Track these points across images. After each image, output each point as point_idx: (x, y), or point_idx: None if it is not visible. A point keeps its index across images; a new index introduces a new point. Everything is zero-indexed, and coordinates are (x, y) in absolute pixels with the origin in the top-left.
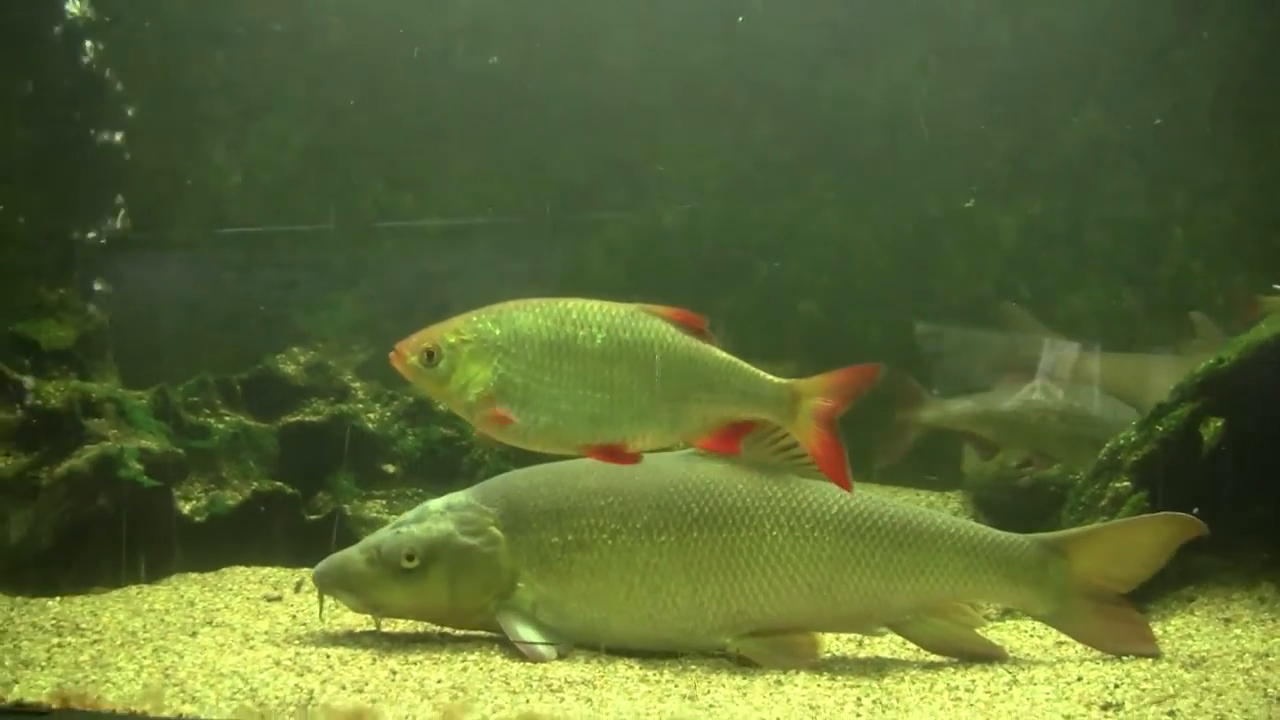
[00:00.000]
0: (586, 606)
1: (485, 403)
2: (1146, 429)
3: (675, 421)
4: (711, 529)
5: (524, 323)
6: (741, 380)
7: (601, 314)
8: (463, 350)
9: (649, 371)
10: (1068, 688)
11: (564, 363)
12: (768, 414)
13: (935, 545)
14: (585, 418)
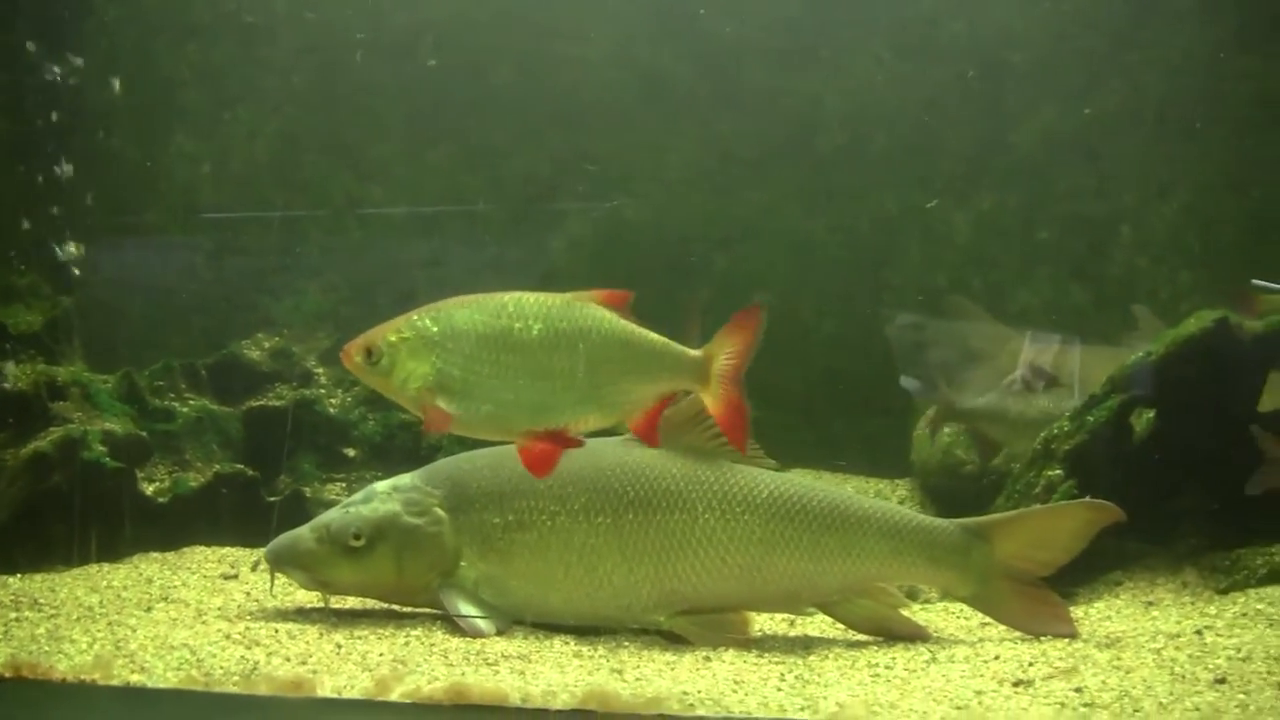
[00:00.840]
0: (526, 584)
1: (426, 395)
2: (1078, 419)
3: (614, 403)
4: (646, 511)
5: (461, 318)
6: (670, 356)
7: (537, 305)
8: (402, 348)
9: (587, 358)
10: (984, 665)
11: (503, 354)
12: (689, 384)
13: (862, 529)
14: (527, 406)
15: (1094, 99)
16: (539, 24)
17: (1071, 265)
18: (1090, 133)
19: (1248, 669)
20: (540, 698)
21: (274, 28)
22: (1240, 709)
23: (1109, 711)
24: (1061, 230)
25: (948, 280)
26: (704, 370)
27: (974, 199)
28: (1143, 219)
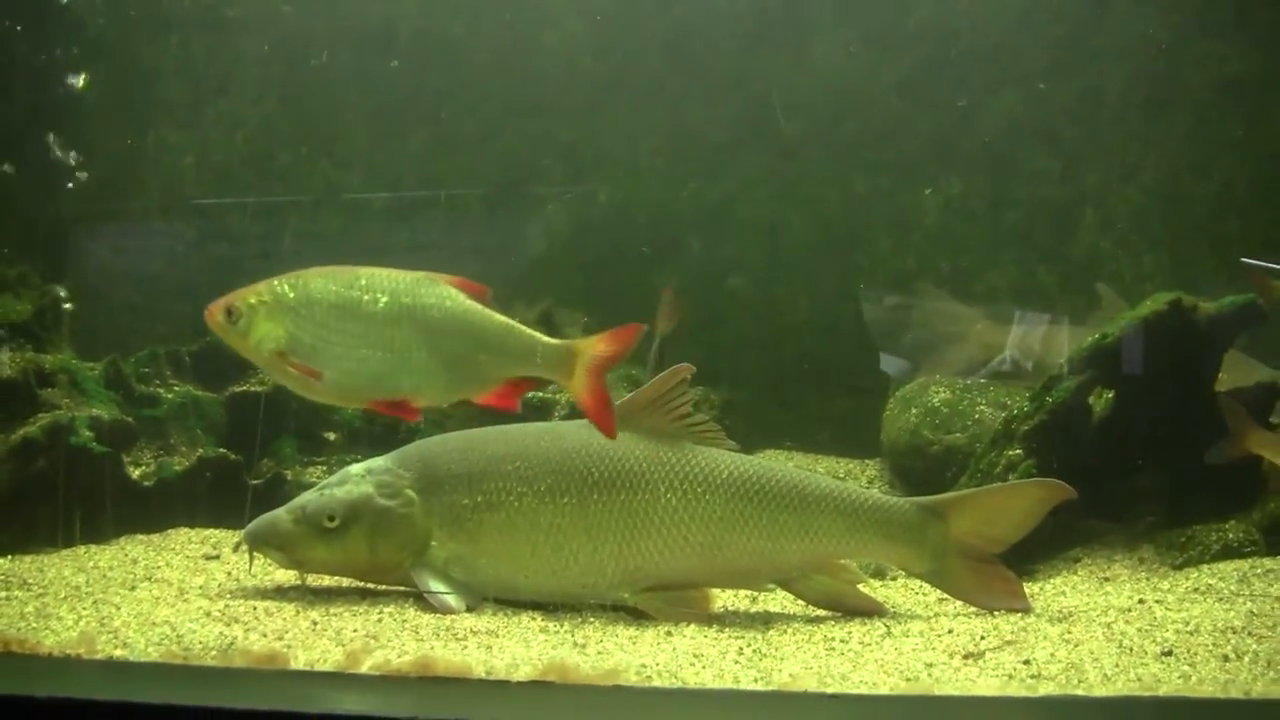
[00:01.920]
0: (495, 563)
1: (279, 358)
2: (1038, 400)
3: (453, 380)
4: (610, 491)
5: (316, 286)
6: (517, 341)
7: (388, 280)
8: (259, 310)
9: (428, 333)
10: (937, 639)
11: (349, 323)
12: (545, 372)
13: (819, 507)
14: (369, 375)
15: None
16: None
17: (1037, 248)
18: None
19: (1194, 641)
20: (504, 670)
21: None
22: (1182, 679)
23: (1055, 683)
24: (1027, 213)
25: (916, 263)
26: (564, 361)
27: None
28: (1106, 202)
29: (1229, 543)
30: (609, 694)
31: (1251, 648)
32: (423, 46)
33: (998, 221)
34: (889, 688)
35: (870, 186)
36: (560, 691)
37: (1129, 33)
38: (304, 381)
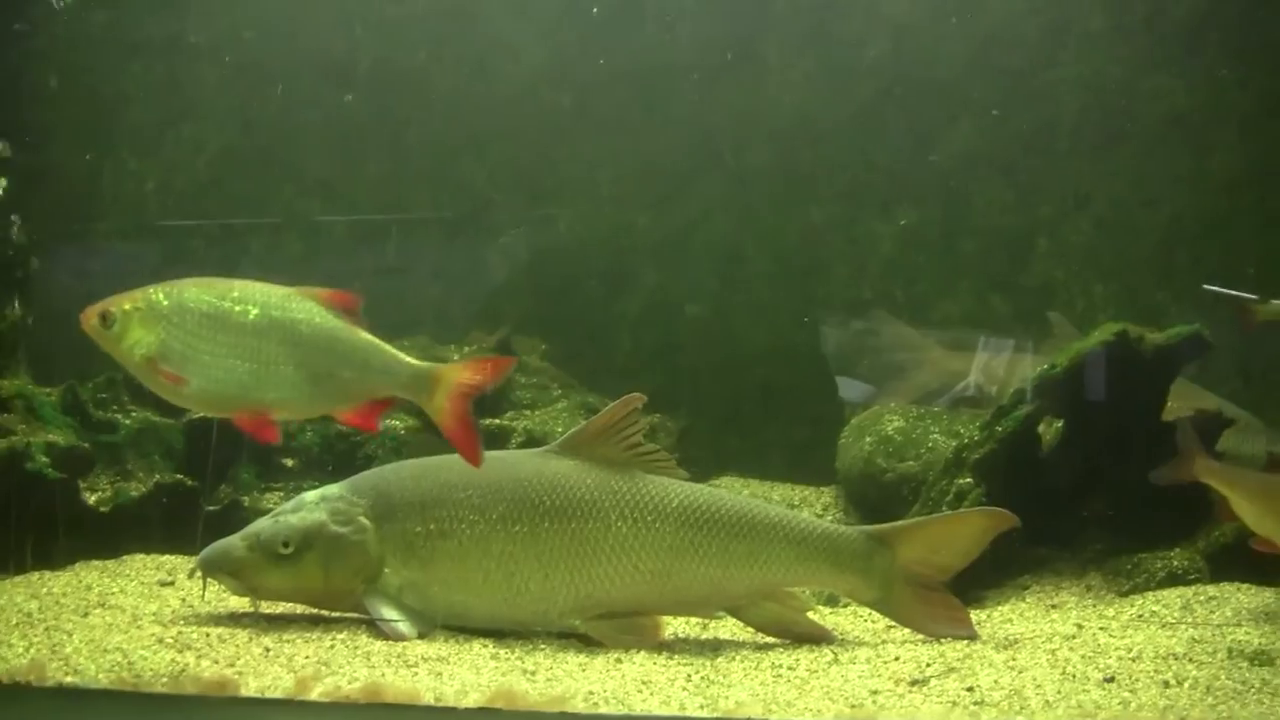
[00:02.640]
0: (448, 590)
1: (150, 364)
2: (988, 429)
3: (317, 394)
4: (562, 520)
5: (189, 295)
6: (381, 360)
7: (260, 293)
8: (134, 316)
9: (294, 347)
10: (883, 666)
11: (219, 333)
12: (406, 393)
13: (769, 536)
14: (235, 385)
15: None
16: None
17: (991, 277)
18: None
19: (1136, 668)
20: (452, 697)
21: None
22: (1122, 705)
23: (997, 709)
24: (982, 243)
25: (872, 292)
26: (426, 385)
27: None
28: (1059, 232)
29: (1174, 570)
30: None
31: (1192, 674)
32: (385, 74)
33: (952, 251)
34: (833, 714)
35: (827, 216)
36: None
37: (1082, 66)
38: (171, 388)
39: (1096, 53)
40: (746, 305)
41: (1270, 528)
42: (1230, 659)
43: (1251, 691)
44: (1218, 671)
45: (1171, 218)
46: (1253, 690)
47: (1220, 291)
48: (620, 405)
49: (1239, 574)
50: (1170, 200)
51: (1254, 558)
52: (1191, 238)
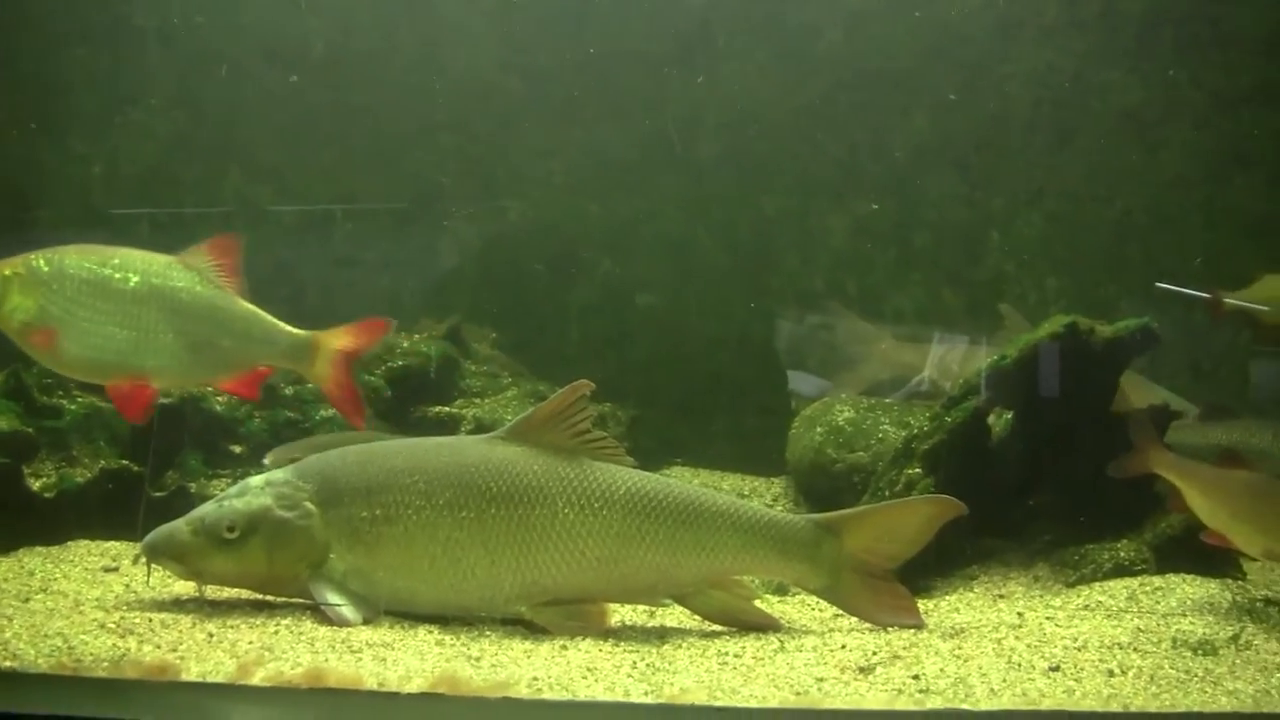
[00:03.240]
0: (393, 576)
1: (28, 329)
2: (938, 419)
3: (196, 363)
4: (508, 506)
5: (70, 262)
6: (261, 329)
7: (141, 261)
8: (14, 281)
9: (174, 315)
10: (830, 654)
11: (99, 300)
12: (288, 361)
13: (716, 524)
14: (114, 352)
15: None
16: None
17: (944, 270)
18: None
19: (1081, 657)
20: (396, 682)
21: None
22: (1066, 694)
23: (942, 697)
24: (934, 236)
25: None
26: (306, 352)
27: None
28: (1012, 226)
29: (1120, 561)
30: (498, 706)
31: (1136, 663)
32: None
33: (905, 243)
34: (778, 701)
35: (779, 207)
36: (450, 703)
37: (1036, 61)
38: (49, 354)
39: (1050, 47)
40: (698, 296)
41: (1221, 521)
42: (1174, 648)
43: (1194, 680)
44: (1162, 661)
45: (1123, 212)
46: (1195, 679)
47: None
48: (568, 392)
49: (1185, 565)
50: (1122, 195)
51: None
52: (1143, 232)
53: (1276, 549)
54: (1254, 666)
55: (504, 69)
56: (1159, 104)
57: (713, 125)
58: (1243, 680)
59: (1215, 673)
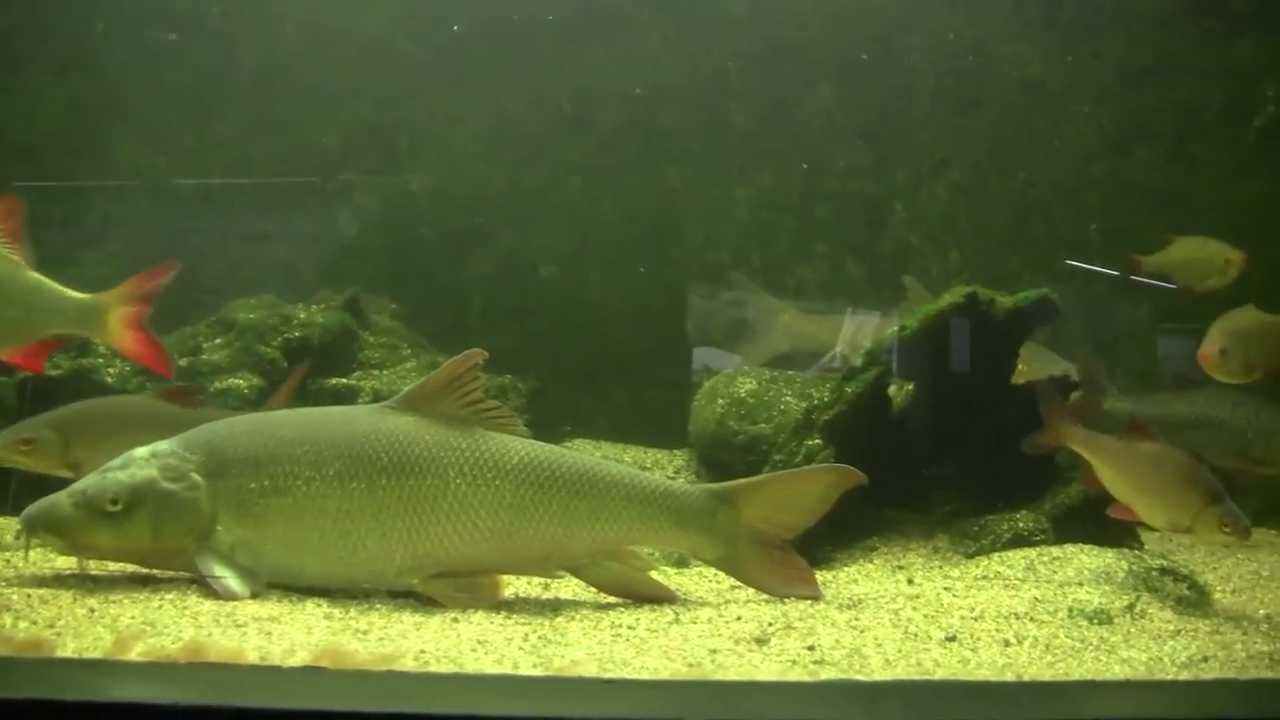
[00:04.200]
0: (282, 549)
1: None
2: (837, 390)
3: None
4: (399, 477)
5: None
6: (47, 298)
7: None
8: None
9: None
10: (725, 625)
11: None
12: (78, 328)
13: (610, 494)
14: None
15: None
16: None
17: (848, 242)
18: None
19: (978, 627)
20: (279, 656)
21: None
22: (961, 664)
23: (837, 668)
24: (838, 208)
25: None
26: (97, 316)
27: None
28: (915, 198)
29: (1019, 532)
30: (382, 679)
31: (1032, 632)
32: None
33: (809, 215)
34: (670, 674)
35: (683, 178)
36: (332, 676)
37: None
38: None
39: (955, 19)
40: (601, 267)
41: (1127, 493)
42: (1070, 618)
43: (1089, 649)
44: (1057, 630)
45: (1026, 184)
46: (1090, 648)
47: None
48: (460, 361)
49: (1083, 535)
50: (1025, 167)
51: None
52: (1045, 205)
53: (1178, 520)
54: (1148, 635)
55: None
56: (1062, 77)
57: (617, 95)
58: (1136, 649)
59: (1110, 641)
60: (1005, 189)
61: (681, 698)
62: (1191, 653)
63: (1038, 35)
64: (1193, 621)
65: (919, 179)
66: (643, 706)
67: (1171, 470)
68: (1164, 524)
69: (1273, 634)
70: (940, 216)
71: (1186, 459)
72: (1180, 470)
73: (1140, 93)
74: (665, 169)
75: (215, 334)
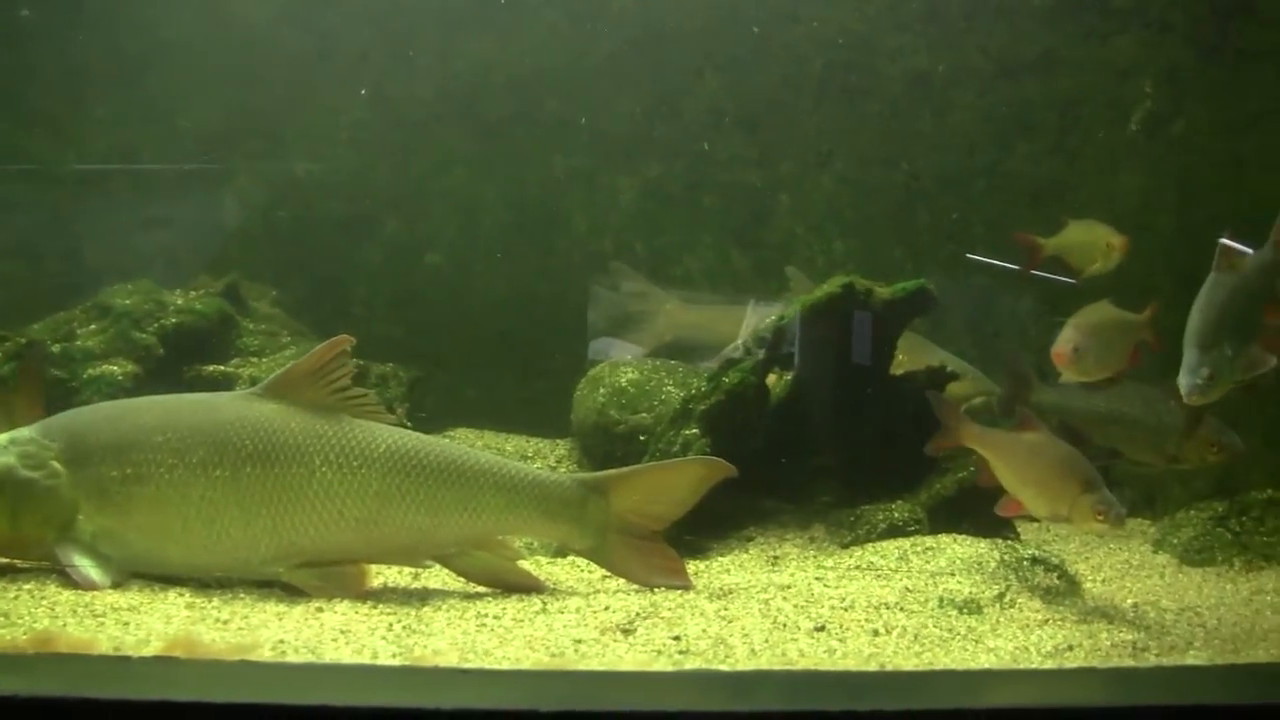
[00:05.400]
0: (145, 538)
1: None
2: (715, 380)
3: None
4: (264, 465)
5: None
6: None
7: None
8: None
9: None
10: (592, 615)
11: None
12: None
13: (478, 483)
14: None
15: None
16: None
17: (733, 232)
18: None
19: (847, 617)
20: (133, 646)
21: None
22: (828, 654)
23: (702, 658)
24: (724, 198)
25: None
26: None
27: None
28: (801, 189)
29: (895, 522)
30: (234, 668)
31: (901, 622)
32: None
33: (695, 205)
34: (532, 663)
35: (569, 167)
36: (184, 666)
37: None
38: None
39: (841, 10)
40: (486, 255)
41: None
42: (940, 608)
43: (956, 639)
44: (926, 620)
45: (910, 176)
46: (958, 638)
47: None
48: (327, 347)
49: (959, 526)
50: (910, 159)
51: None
52: (930, 196)
53: (1057, 509)
54: (1016, 624)
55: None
56: (946, 69)
57: (503, 83)
58: (1004, 638)
59: (978, 631)
60: (890, 180)
61: (538, 688)
62: (1057, 642)
63: (923, 28)
64: (1061, 611)
65: (805, 170)
66: (497, 696)
67: (1050, 460)
68: (1046, 514)
69: (1138, 622)
70: (825, 207)
71: (1066, 449)
72: (1058, 460)
73: (1022, 86)
74: (552, 157)
75: (90, 320)
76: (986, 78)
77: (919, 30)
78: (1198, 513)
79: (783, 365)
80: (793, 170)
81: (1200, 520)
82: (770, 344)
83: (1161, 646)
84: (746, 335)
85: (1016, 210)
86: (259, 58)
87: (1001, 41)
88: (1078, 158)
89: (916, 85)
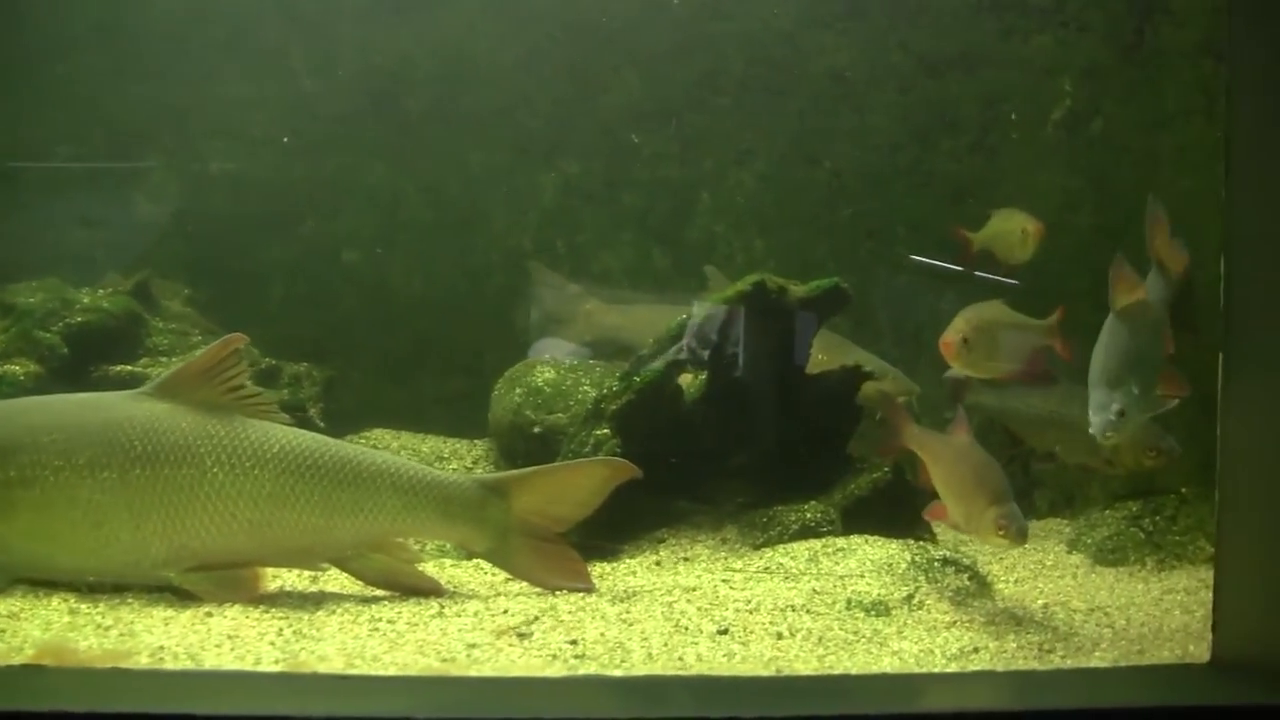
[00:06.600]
0: (30, 542)
1: None
2: (626, 379)
3: None
4: (153, 466)
5: None
6: None
7: None
8: None
9: None
10: (489, 619)
11: None
12: None
13: (374, 484)
14: None
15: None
16: None
17: (653, 230)
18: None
19: (752, 620)
20: (5, 654)
21: None
22: (728, 658)
23: (597, 662)
24: (645, 196)
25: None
26: None
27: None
28: (722, 186)
29: (807, 523)
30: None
31: (806, 625)
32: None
33: (615, 203)
34: (421, 669)
35: (487, 164)
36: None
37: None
38: None
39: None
40: (404, 254)
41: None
42: (848, 609)
43: (862, 641)
44: (832, 622)
45: (832, 174)
46: (863, 640)
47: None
48: (220, 346)
49: (871, 526)
50: (831, 156)
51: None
52: (851, 194)
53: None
54: (923, 626)
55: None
56: (868, 67)
57: (420, 78)
58: (909, 640)
59: (884, 633)
60: (811, 178)
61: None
62: (963, 644)
63: (845, 25)
64: (970, 613)
65: (725, 167)
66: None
67: (966, 469)
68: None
69: (1046, 623)
70: (746, 205)
71: (982, 458)
72: (971, 469)
73: (944, 84)
74: (470, 154)
75: None
76: (908, 75)
77: (840, 28)
78: (1113, 512)
79: (696, 364)
80: (714, 168)
81: (1115, 520)
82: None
83: (1068, 648)
84: (690, 335)
85: (938, 208)
86: (173, 53)
87: (923, 39)
88: (998, 155)
89: (838, 83)
